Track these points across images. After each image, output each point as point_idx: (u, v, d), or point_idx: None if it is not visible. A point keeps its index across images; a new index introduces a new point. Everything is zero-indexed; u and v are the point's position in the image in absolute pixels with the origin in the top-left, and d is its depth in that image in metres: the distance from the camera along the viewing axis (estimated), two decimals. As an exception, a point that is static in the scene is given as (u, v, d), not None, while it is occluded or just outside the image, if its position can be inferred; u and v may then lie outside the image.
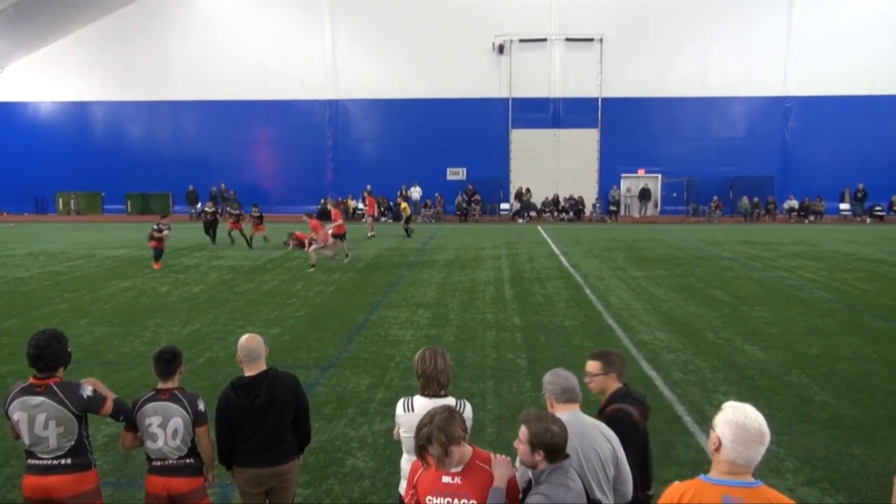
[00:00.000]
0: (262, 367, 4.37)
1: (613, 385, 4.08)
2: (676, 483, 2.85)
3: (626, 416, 3.82)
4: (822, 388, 8.30)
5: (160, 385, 4.30)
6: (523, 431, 3.11)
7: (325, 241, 18.12)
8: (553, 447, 3.07)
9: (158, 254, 17.97)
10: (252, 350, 4.34)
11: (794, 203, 36.50)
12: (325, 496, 5.65)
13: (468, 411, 3.88)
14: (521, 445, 3.11)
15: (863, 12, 35.70)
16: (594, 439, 3.46)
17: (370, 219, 28.37)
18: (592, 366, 4.12)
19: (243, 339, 4.41)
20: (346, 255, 19.68)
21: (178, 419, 4.19)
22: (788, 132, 37.26)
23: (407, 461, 4.04)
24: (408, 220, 27.25)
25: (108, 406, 4.18)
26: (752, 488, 2.67)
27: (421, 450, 3.19)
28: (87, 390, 4.13)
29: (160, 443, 4.20)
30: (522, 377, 8.74)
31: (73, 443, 4.08)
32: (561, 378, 3.66)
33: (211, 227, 24.66)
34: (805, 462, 6.22)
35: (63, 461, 4.07)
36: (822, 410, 7.56)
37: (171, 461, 4.22)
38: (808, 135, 36.85)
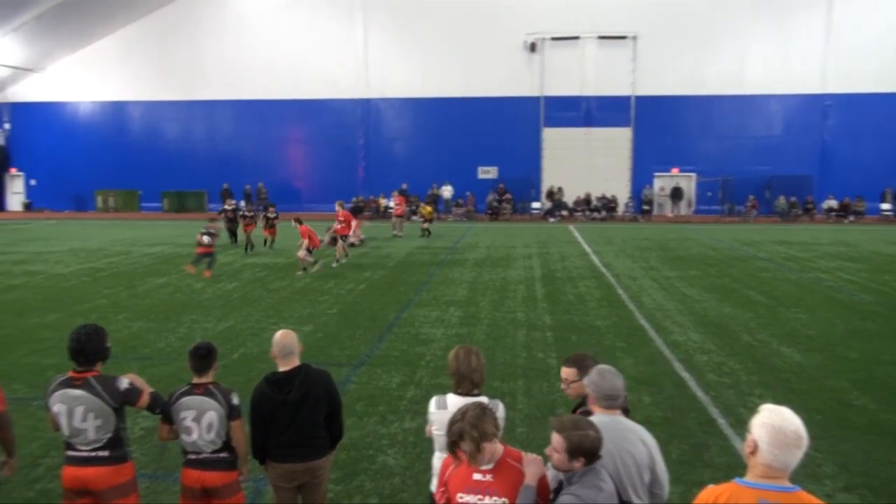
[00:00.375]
0: (296, 362, 4.42)
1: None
2: (711, 486, 2.81)
3: None
4: (861, 393, 8.11)
5: (195, 380, 4.37)
6: (559, 440, 3.07)
7: (315, 246, 17.34)
8: (592, 453, 3.07)
9: (210, 259, 16.91)
10: (286, 346, 4.41)
11: (834, 203, 35.68)
12: (356, 492, 5.69)
13: (500, 411, 3.87)
14: (557, 454, 3.08)
15: (906, 7, 34.78)
16: (631, 443, 3.41)
17: (397, 219, 27.50)
18: (567, 372, 3.96)
19: (278, 334, 4.47)
20: (336, 261, 18.59)
21: (212, 413, 4.25)
22: (827, 130, 36.42)
23: (438, 459, 4.04)
24: (429, 221, 26.66)
25: (145, 399, 4.26)
26: (789, 493, 2.62)
27: (453, 445, 3.19)
28: (124, 383, 4.21)
29: (194, 436, 4.27)
30: (553, 377, 8.68)
31: (110, 435, 4.17)
32: (606, 382, 3.53)
33: (232, 227, 23.64)
34: (843, 468, 6.08)
35: (100, 453, 4.16)
36: (861, 415, 7.40)
37: (205, 455, 4.29)
38: (848, 133, 35.98)
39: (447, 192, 37.53)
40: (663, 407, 7.52)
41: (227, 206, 25.24)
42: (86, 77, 40.21)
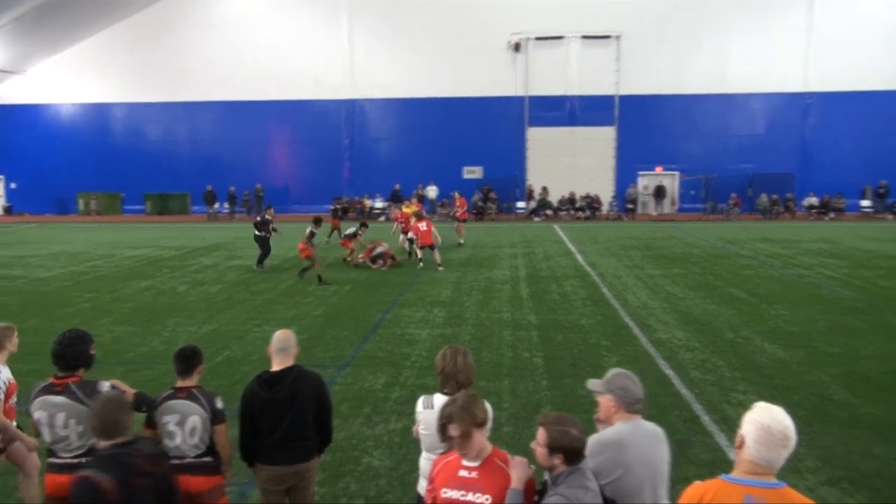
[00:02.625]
0: (290, 363, 4.44)
1: (101, 443, 3.30)
2: (697, 482, 2.83)
3: (87, 486, 2.96)
4: (842, 387, 8.20)
5: (179, 383, 4.34)
6: (541, 434, 3.09)
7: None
8: (572, 451, 3.04)
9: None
10: (283, 341, 4.45)
11: (815, 200, 36.05)
12: (341, 494, 5.67)
13: (488, 412, 3.88)
14: (539, 448, 3.10)
15: (884, 6, 35.21)
16: (657, 446, 3.49)
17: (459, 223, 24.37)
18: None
19: (278, 332, 4.54)
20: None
21: (195, 417, 4.23)
22: (808, 128, 36.81)
23: (425, 459, 4.05)
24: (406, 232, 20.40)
25: (128, 399, 4.22)
26: (774, 489, 2.64)
27: (443, 428, 3.20)
28: (105, 386, 4.18)
29: (178, 441, 4.23)
30: (539, 376, 8.71)
31: (93, 441, 4.12)
32: (637, 387, 3.56)
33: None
34: (825, 461, 6.15)
35: (83, 460, 4.11)
36: (842, 409, 7.48)
37: (188, 459, 4.25)
38: (828, 131, 36.38)
39: (432, 192, 37.53)
40: (648, 404, 7.49)
41: (268, 218, 18.91)
42: (67, 79, 39.81)
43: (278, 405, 4.30)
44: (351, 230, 18.80)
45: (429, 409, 3.99)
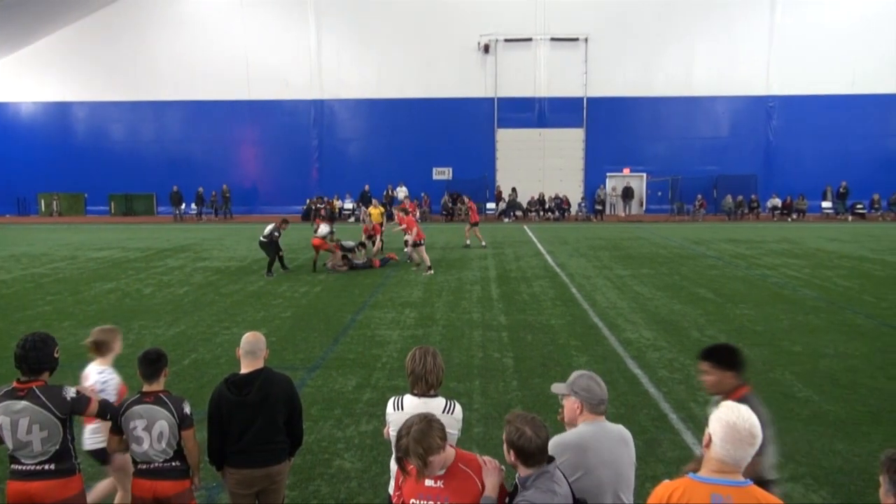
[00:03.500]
0: (260, 365, 4.38)
1: None
2: (666, 481, 2.86)
3: None
4: (805, 385, 8.37)
5: (145, 388, 4.28)
6: (505, 430, 3.13)
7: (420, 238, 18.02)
8: (521, 450, 3.02)
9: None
10: (252, 344, 4.37)
11: (778, 201, 36.84)
12: (312, 497, 5.63)
13: (458, 412, 3.88)
14: (504, 444, 3.13)
15: (843, 12, 36.15)
16: (620, 448, 3.49)
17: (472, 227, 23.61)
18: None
19: (247, 334, 4.45)
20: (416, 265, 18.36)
21: (163, 422, 4.17)
22: (771, 131, 37.62)
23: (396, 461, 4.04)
24: (370, 236, 20.99)
25: (94, 406, 4.15)
26: (741, 487, 2.68)
27: (400, 461, 3.19)
28: (70, 392, 4.09)
29: (145, 446, 4.17)
30: (509, 376, 8.75)
31: (57, 447, 4.05)
32: (601, 388, 3.54)
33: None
34: (788, 458, 6.26)
35: (47, 466, 4.04)
36: (805, 407, 7.64)
37: (156, 464, 4.20)
38: (790, 133, 37.24)
39: (402, 193, 37.45)
40: (616, 404, 7.64)
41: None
42: (27, 78, 38.94)
43: (248, 408, 4.26)
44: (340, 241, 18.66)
45: (399, 411, 3.97)
